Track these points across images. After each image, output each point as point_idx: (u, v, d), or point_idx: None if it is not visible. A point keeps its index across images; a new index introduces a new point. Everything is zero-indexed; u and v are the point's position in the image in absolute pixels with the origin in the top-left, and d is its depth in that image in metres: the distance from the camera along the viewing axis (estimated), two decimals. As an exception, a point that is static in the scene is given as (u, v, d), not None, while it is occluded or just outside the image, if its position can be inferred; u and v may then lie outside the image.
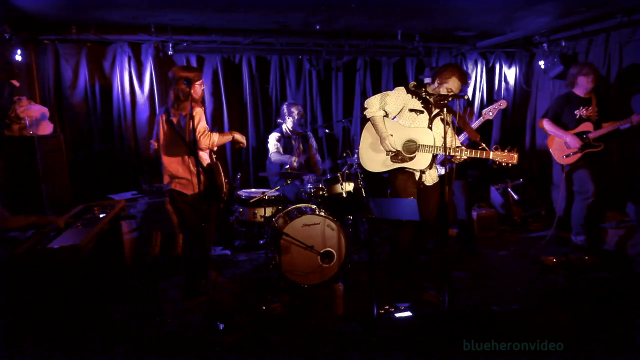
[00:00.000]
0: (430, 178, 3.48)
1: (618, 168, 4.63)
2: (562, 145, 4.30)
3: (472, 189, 4.49)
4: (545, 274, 3.79)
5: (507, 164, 3.18)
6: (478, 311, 3.16)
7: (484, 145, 3.30)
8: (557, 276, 3.72)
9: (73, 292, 2.58)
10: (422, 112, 3.38)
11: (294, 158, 4.54)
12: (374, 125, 3.40)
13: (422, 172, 3.42)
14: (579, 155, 4.17)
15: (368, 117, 3.42)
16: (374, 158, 3.47)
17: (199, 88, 3.35)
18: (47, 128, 4.09)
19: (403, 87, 3.44)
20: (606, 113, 4.20)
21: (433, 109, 3.38)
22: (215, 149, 3.45)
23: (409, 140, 3.37)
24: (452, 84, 3.27)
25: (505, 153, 3.20)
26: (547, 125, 4.36)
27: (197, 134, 3.18)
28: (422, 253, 3.62)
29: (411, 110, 3.38)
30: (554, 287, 3.53)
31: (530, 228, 5.17)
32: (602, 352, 2.60)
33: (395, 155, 3.37)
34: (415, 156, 3.36)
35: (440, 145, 3.26)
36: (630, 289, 3.42)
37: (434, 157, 3.40)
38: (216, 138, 3.31)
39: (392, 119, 3.44)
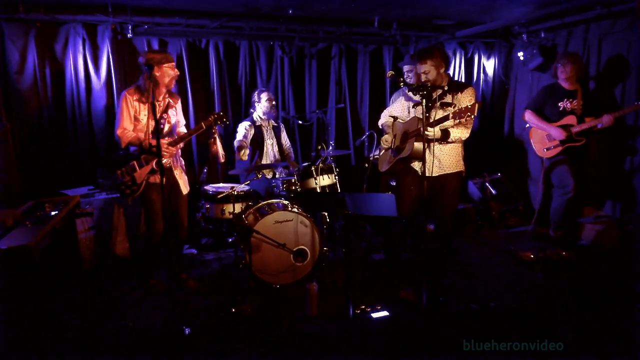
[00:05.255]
0: (437, 168, 3.42)
1: (596, 163, 4.80)
2: (543, 137, 4.42)
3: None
4: (524, 270, 3.91)
5: (469, 115, 2.97)
6: (456, 309, 3.23)
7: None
8: (535, 272, 3.84)
9: (23, 296, 2.48)
10: (419, 104, 3.35)
11: (241, 152, 4.41)
12: (383, 131, 3.82)
13: (419, 160, 3.39)
14: (559, 148, 4.29)
15: (380, 127, 3.88)
16: (382, 159, 3.83)
17: (170, 72, 3.35)
18: (-10, 116, 3.91)
19: (403, 94, 3.74)
20: (593, 107, 4.27)
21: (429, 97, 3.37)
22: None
23: (404, 133, 3.52)
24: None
25: (463, 108, 2.99)
26: (529, 116, 4.46)
27: None
28: (444, 249, 3.72)
29: (414, 106, 3.54)
30: (532, 284, 3.64)
31: (508, 223, 5.31)
32: (584, 349, 2.69)
33: (397, 149, 3.58)
34: (405, 145, 3.46)
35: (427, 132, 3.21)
36: (608, 284, 3.56)
37: (424, 142, 3.16)
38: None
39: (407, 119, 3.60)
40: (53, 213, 2.84)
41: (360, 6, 4.58)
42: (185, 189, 3.63)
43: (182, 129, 3.67)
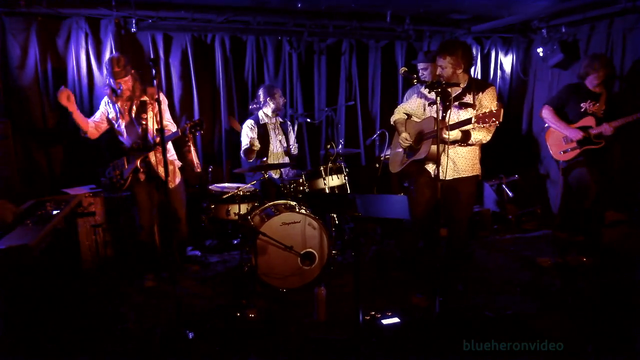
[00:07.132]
0: (451, 170, 3.40)
1: (619, 167, 4.74)
2: (559, 139, 4.38)
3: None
4: (541, 277, 3.88)
5: (493, 120, 2.91)
6: (471, 317, 3.21)
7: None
8: (554, 278, 3.81)
9: (22, 298, 2.51)
10: (434, 103, 3.36)
11: (253, 149, 4.45)
12: (395, 128, 3.76)
13: (433, 162, 3.42)
14: (577, 151, 4.25)
15: (392, 123, 3.80)
16: (394, 160, 3.83)
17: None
18: (-9, 112, 3.96)
19: (417, 91, 3.75)
20: (616, 109, 4.19)
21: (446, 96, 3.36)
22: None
23: (419, 133, 3.52)
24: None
25: (488, 112, 2.92)
26: (546, 113, 4.41)
27: None
28: (458, 255, 3.72)
29: (430, 104, 3.55)
30: (550, 291, 3.61)
31: (525, 227, 5.27)
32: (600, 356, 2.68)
33: (410, 150, 3.57)
34: (421, 146, 3.45)
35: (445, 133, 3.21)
36: (630, 290, 3.52)
37: (439, 144, 3.11)
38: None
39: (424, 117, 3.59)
40: (54, 212, 2.87)
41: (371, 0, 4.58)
42: (172, 183, 3.86)
43: (167, 124, 3.81)
